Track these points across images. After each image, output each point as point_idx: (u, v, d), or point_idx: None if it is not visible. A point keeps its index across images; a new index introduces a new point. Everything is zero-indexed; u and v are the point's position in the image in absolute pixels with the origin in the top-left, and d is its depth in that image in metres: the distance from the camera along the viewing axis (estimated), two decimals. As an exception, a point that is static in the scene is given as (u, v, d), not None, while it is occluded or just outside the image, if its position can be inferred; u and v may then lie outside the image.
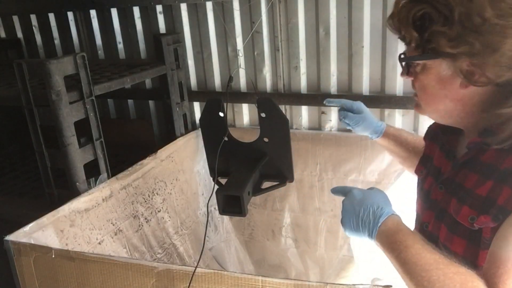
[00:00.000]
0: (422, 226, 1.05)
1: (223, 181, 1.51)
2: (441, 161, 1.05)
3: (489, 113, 0.86)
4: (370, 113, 1.38)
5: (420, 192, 1.13)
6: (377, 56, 1.99)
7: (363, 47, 1.99)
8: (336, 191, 1.04)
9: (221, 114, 1.47)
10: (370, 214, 0.91)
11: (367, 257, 2.10)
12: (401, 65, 0.94)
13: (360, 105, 1.39)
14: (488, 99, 0.86)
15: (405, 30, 0.86)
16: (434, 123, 1.17)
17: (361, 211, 0.92)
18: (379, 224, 0.89)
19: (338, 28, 2.02)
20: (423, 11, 0.82)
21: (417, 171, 1.19)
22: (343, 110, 1.39)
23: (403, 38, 0.89)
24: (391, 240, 0.87)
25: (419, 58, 0.87)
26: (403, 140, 1.33)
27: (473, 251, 0.89)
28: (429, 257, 0.81)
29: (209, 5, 2.24)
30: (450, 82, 0.86)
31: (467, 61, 0.81)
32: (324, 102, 1.43)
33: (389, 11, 0.97)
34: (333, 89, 2.12)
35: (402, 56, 0.92)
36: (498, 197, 0.83)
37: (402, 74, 0.96)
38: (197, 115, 2.51)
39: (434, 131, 1.15)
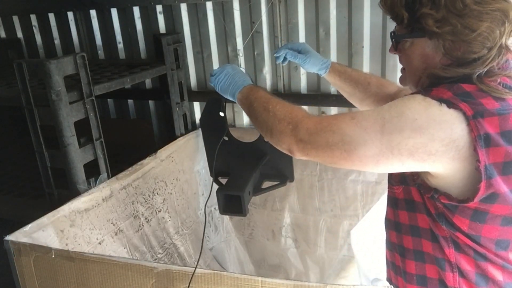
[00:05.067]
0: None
1: (223, 181, 1.52)
2: None
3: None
4: (316, 52, 1.49)
5: None
6: (377, 56, 1.99)
7: (363, 47, 1.99)
8: None
9: (222, 114, 1.47)
10: (240, 81, 1.19)
11: (368, 257, 2.10)
12: (392, 41, 1.06)
13: (305, 45, 1.49)
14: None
15: (398, 11, 0.98)
16: None
17: (236, 75, 1.21)
18: (242, 86, 1.18)
19: (338, 28, 2.02)
20: None
21: None
22: (291, 51, 1.47)
23: (395, 18, 1.01)
24: (248, 95, 1.15)
25: (409, 36, 0.99)
26: (348, 76, 1.43)
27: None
28: (269, 96, 1.10)
29: (209, 5, 2.24)
30: (432, 58, 0.98)
31: (449, 40, 0.93)
32: (275, 55, 1.51)
33: None
34: (333, 89, 2.11)
35: (393, 34, 1.04)
36: None
37: (390, 50, 1.08)
38: (197, 115, 2.51)
39: None
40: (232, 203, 1.33)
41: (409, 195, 1.01)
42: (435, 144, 0.85)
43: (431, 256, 0.98)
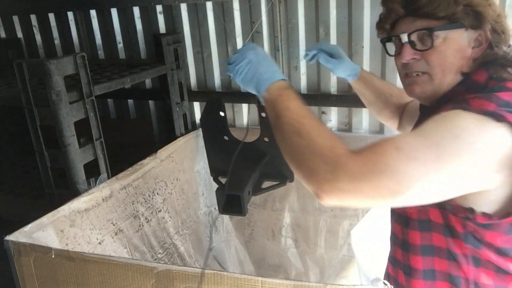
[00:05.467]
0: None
1: (223, 180, 1.51)
2: None
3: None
4: (347, 57, 1.46)
5: None
6: (377, 56, 1.99)
7: (363, 47, 1.99)
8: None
9: (222, 114, 1.47)
10: (267, 73, 0.98)
11: (368, 257, 2.10)
12: (411, 44, 0.98)
13: (338, 49, 1.45)
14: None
15: (440, 2, 0.94)
16: None
17: (262, 65, 1.00)
18: (270, 83, 0.97)
19: (338, 28, 2.02)
20: None
21: None
22: (324, 55, 1.43)
23: (430, 12, 0.94)
24: (276, 97, 0.95)
25: (453, 27, 0.94)
26: (373, 85, 1.42)
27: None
28: (303, 110, 0.92)
29: (209, 5, 2.23)
30: (465, 51, 0.96)
31: (479, 32, 0.94)
32: (305, 52, 1.46)
33: None
34: (333, 89, 2.12)
35: (425, 29, 0.96)
36: None
37: (407, 55, 0.99)
38: (197, 115, 2.51)
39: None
40: (231, 202, 1.33)
41: (425, 215, 0.95)
42: (493, 164, 0.79)
43: (444, 273, 0.95)
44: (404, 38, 0.99)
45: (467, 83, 0.97)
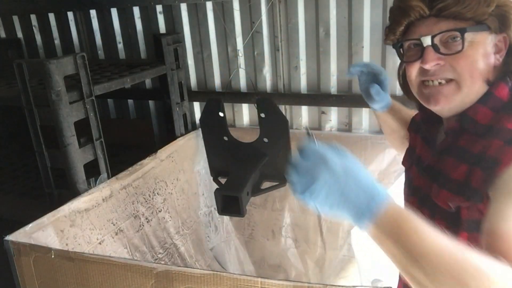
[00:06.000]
0: None
1: (223, 181, 1.51)
2: (422, 149, 1.10)
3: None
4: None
5: (406, 181, 1.17)
6: (377, 56, 1.98)
7: (363, 47, 1.99)
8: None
9: (221, 114, 1.47)
10: (362, 190, 0.70)
11: (368, 257, 2.10)
12: (434, 48, 0.89)
13: (386, 75, 1.27)
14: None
15: (472, 1, 0.86)
16: (416, 114, 1.20)
17: (347, 185, 0.70)
18: (377, 205, 0.69)
19: (338, 28, 2.02)
20: None
21: (404, 163, 1.23)
22: (373, 83, 1.25)
23: (461, 10, 0.86)
24: (392, 225, 0.69)
25: (481, 28, 0.87)
26: (401, 116, 1.30)
27: (452, 233, 0.75)
28: (441, 241, 0.67)
29: (209, 5, 2.23)
30: (491, 57, 0.89)
31: (501, 36, 0.89)
32: (350, 70, 1.30)
33: (389, 11, 0.99)
34: (333, 89, 2.11)
35: (455, 30, 0.87)
36: (471, 179, 0.87)
37: (430, 60, 0.89)
38: (197, 115, 2.51)
39: (417, 123, 1.18)
40: (230, 203, 1.33)
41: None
42: None
43: None
44: (427, 41, 0.89)
45: (491, 100, 0.90)
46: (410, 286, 0.74)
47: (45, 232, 1.52)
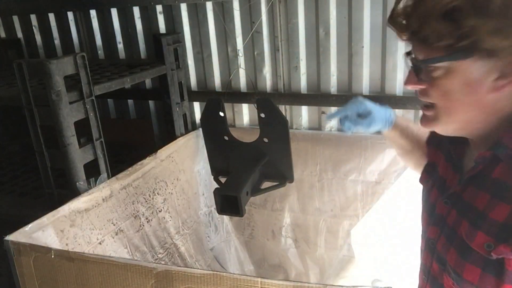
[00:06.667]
0: (428, 243, 0.96)
1: (223, 180, 1.52)
2: (447, 172, 0.96)
3: (506, 122, 0.79)
4: (377, 106, 1.23)
5: (425, 204, 1.04)
6: (377, 56, 1.98)
7: (363, 47, 1.99)
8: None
9: (221, 114, 1.47)
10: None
11: (368, 257, 2.10)
12: (414, 70, 0.83)
13: (364, 105, 1.23)
14: (510, 105, 0.79)
15: (432, 27, 0.74)
16: None
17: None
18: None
19: (338, 28, 2.02)
20: (454, 4, 0.72)
21: (422, 181, 1.10)
22: (349, 120, 1.23)
23: (425, 38, 0.76)
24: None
25: (454, 58, 0.75)
26: (409, 132, 1.21)
27: (493, 283, 0.79)
28: None
29: (209, 5, 2.23)
30: (479, 85, 0.76)
31: (508, 58, 0.73)
32: (326, 119, 1.37)
33: (389, 11, 0.87)
34: (333, 89, 2.11)
35: (415, 60, 0.80)
36: None
37: (409, 82, 0.84)
38: (197, 115, 2.51)
39: (439, 138, 1.03)
40: (229, 203, 1.33)
41: None
42: None
43: None
44: (408, 62, 0.84)
45: (503, 152, 0.78)
46: (431, 275, 0.94)
47: (45, 232, 1.52)
